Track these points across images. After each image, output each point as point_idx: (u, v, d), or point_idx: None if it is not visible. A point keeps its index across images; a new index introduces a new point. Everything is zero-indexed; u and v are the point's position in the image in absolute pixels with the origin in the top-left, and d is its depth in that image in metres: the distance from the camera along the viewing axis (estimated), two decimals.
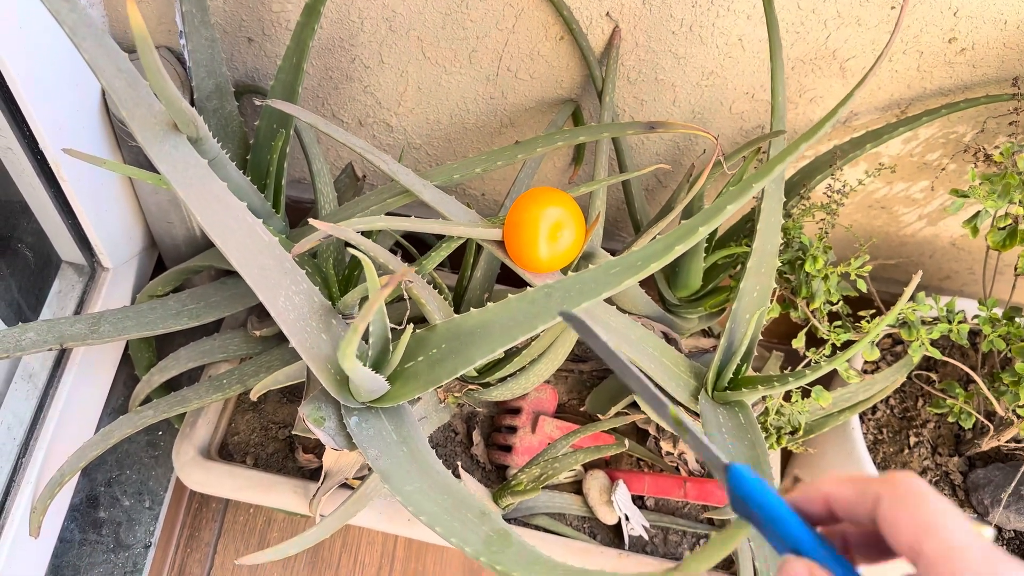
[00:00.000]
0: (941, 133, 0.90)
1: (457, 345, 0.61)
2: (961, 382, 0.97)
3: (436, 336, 0.63)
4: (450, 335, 0.62)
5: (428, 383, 0.62)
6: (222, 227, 0.57)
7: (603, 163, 0.84)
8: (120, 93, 0.56)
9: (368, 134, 0.97)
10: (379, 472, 0.60)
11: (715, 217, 0.56)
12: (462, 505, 0.56)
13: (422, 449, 0.63)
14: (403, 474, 0.60)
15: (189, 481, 0.87)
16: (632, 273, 0.56)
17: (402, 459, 0.62)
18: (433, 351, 0.63)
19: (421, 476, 0.60)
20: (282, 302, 0.60)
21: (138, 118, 0.56)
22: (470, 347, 0.60)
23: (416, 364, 0.64)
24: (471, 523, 0.55)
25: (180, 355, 0.90)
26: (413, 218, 0.68)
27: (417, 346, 0.64)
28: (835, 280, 0.79)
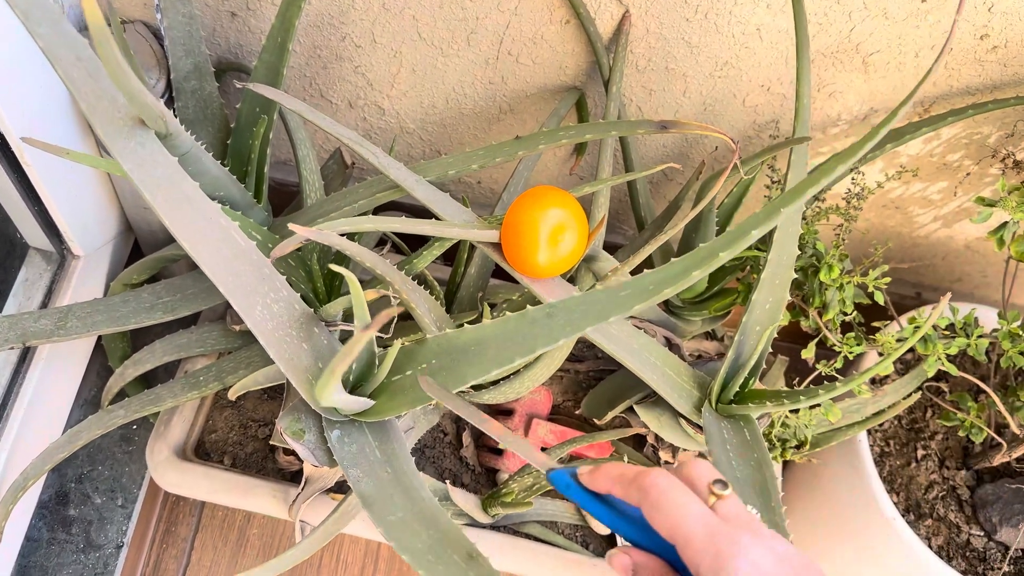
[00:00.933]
0: (964, 134, 0.86)
1: (448, 362, 0.57)
2: (972, 393, 0.93)
3: (426, 350, 0.58)
4: (441, 350, 0.58)
5: (416, 400, 0.57)
6: (193, 232, 0.52)
7: (608, 159, 0.79)
8: (79, 85, 0.50)
9: (358, 116, 0.92)
10: (360, 497, 0.55)
11: (738, 242, 0.51)
12: (449, 543, 0.52)
13: (407, 470, 0.59)
14: (386, 500, 0.55)
15: (163, 482, 0.83)
16: (644, 298, 0.51)
17: (386, 482, 0.57)
18: (423, 366, 0.58)
19: (405, 502, 0.56)
20: (259, 312, 0.55)
21: (100, 112, 0.51)
22: (462, 364, 0.56)
23: (404, 378, 0.60)
24: (457, 568, 0.50)
25: (155, 348, 0.85)
26: (404, 219, 0.63)
27: (406, 359, 0.59)
28: (851, 291, 0.75)
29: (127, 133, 0.52)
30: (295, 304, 0.59)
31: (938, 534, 0.89)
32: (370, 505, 0.56)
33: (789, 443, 0.80)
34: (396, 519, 0.54)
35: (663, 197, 1.00)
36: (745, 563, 0.38)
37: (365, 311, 0.53)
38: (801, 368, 0.87)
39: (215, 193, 0.70)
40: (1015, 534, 0.86)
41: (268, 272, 0.56)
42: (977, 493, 0.91)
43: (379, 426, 0.63)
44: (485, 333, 0.56)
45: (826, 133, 0.87)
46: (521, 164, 0.82)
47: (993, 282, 1.09)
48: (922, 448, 0.93)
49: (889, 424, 0.94)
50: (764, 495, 0.69)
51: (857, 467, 0.87)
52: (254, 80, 0.74)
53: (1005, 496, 0.88)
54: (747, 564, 0.38)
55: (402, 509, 0.55)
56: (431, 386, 0.53)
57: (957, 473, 0.92)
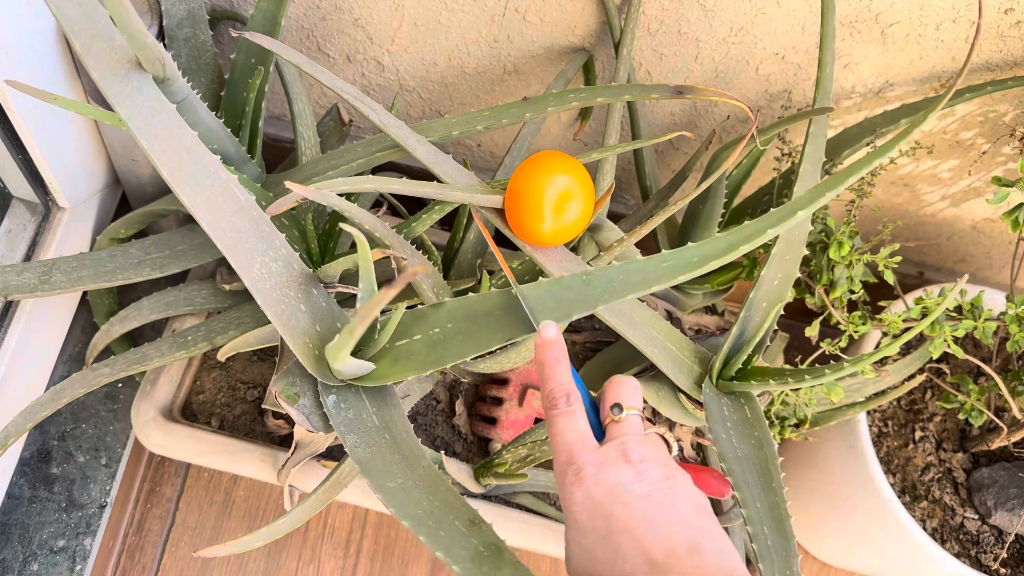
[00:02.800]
0: (980, 111, 0.83)
1: (467, 326, 0.54)
2: (972, 375, 0.92)
3: (441, 314, 0.56)
4: (459, 315, 0.55)
5: (426, 365, 0.55)
6: (191, 183, 0.50)
7: (615, 125, 0.76)
8: (73, 23, 0.47)
9: (357, 72, 0.88)
10: (358, 463, 0.54)
11: (784, 221, 0.49)
12: (450, 510, 0.50)
13: (406, 437, 0.57)
14: (384, 467, 0.53)
15: (149, 443, 0.81)
16: (687, 270, 0.50)
17: (384, 448, 0.55)
18: (435, 330, 0.56)
19: (404, 469, 0.54)
20: (257, 269, 0.53)
21: (95, 53, 0.48)
22: (485, 330, 0.53)
23: (411, 343, 0.57)
24: (459, 534, 0.49)
25: (142, 305, 0.83)
26: (405, 180, 0.60)
27: (414, 322, 0.57)
28: (860, 269, 0.73)
29: (124, 77, 0.49)
30: (294, 264, 0.56)
31: (933, 516, 0.88)
32: (368, 471, 0.54)
33: (788, 421, 0.79)
34: (395, 485, 0.52)
35: (669, 167, 0.97)
36: (580, 493, 0.44)
37: (372, 272, 0.50)
38: (800, 345, 0.85)
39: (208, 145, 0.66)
40: (1009, 518, 0.86)
41: (267, 229, 0.54)
42: (973, 476, 0.90)
43: (377, 392, 0.61)
44: (511, 299, 0.54)
45: (839, 106, 0.85)
46: (525, 128, 0.80)
47: (997, 264, 1.07)
48: (920, 430, 0.92)
49: (888, 405, 0.93)
50: (765, 474, 0.68)
51: (855, 447, 0.87)
52: (250, 29, 0.71)
53: (1001, 480, 0.88)
54: (580, 494, 0.44)
55: (401, 476, 0.53)
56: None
57: (954, 456, 0.91)
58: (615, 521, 0.42)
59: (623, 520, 0.42)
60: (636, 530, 0.42)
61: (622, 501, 0.43)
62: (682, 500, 0.44)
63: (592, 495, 0.44)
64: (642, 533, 0.42)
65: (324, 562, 1.00)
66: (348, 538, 1.02)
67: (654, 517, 0.42)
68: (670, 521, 0.42)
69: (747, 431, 0.71)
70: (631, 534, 0.42)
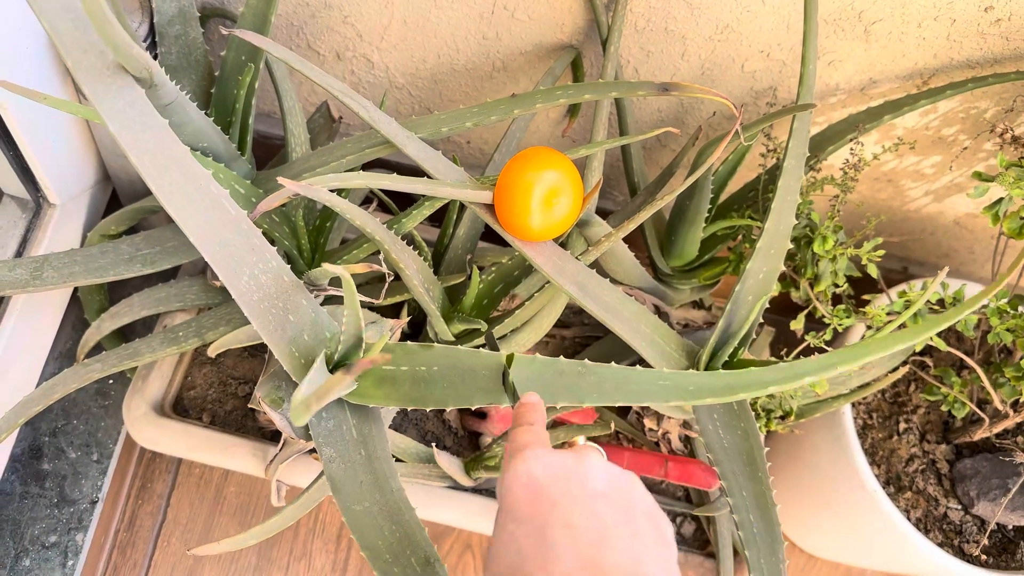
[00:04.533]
0: (962, 108, 0.85)
1: (453, 376, 0.55)
2: (955, 367, 0.94)
3: (429, 355, 0.56)
4: (448, 362, 0.56)
5: (408, 399, 0.55)
6: (181, 197, 0.50)
7: (603, 121, 0.77)
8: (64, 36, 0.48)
9: (346, 69, 0.89)
10: (330, 479, 0.54)
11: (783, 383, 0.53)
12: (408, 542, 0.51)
13: (381, 455, 0.57)
14: (354, 487, 0.54)
15: (140, 438, 0.81)
16: (681, 396, 0.51)
17: (358, 465, 0.56)
18: (421, 368, 0.56)
19: (373, 491, 0.54)
20: (245, 281, 0.53)
21: (86, 67, 0.49)
22: (470, 386, 0.54)
23: (397, 371, 0.57)
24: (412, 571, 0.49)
25: (133, 301, 0.83)
26: (395, 176, 0.61)
27: (402, 354, 0.57)
28: (844, 263, 0.74)
29: (116, 93, 0.49)
30: (284, 276, 0.56)
31: (917, 507, 0.89)
32: (338, 491, 0.54)
33: (774, 413, 0.80)
34: (361, 509, 0.53)
35: (656, 163, 0.98)
36: (523, 471, 0.39)
37: (358, 311, 0.51)
38: (787, 339, 0.86)
39: (198, 143, 0.68)
40: (992, 508, 0.87)
41: (258, 242, 0.54)
42: (956, 467, 0.91)
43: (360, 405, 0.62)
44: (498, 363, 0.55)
45: (824, 102, 0.86)
46: (514, 124, 0.80)
47: (980, 259, 1.09)
48: (904, 422, 0.93)
49: (872, 397, 0.95)
50: (751, 464, 0.69)
51: (840, 439, 0.88)
52: (240, 26, 0.72)
53: (983, 471, 0.89)
54: (524, 473, 0.39)
55: (368, 499, 0.53)
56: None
57: (937, 447, 0.93)
58: (557, 512, 0.36)
59: (566, 513, 0.36)
60: (580, 528, 0.35)
61: (570, 492, 0.37)
62: (638, 505, 0.38)
63: (536, 476, 0.38)
64: (586, 534, 0.35)
65: (315, 557, 1.00)
66: (339, 533, 1.02)
67: (604, 518, 0.36)
68: (620, 528, 0.36)
69: (733, 423, 0.72)
70: (572, 531, 0.35)
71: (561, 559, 0.34)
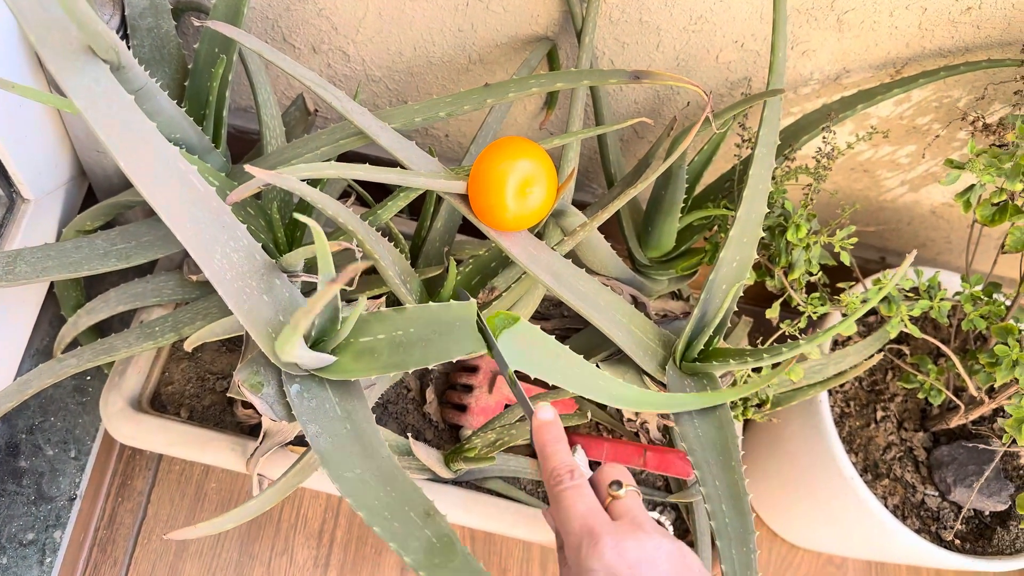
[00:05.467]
0: (935, 97, 0.85)
1: (430, 334, 0.55)
2: (932, 356, 0.95)
3: (405, 318, 0.56)
4: (422, 321, 0.56)
5: (389, 366, 0.56)
6: (149, 174, 0.50)
7: (579, 112, 0.77)
8: (27, 13, 0.47)
9: (322, 62, 0.89)
10: (318, 453, 0.54)
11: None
12: (406, 501, 0.51)
13: (367, 428, 0.57)
14: (344, 457, 0.54)
15: (118, 434, 0.81)
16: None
17: (344, 438, 0.56)
18: (398, 332, 0.56)
19: (364, 460, 0.54)
20: (218, 260, 0.53)
21: (50, 44, 0.48)
22: (446, 340, 0.54)
23: (375, 340, 0.58)
24: (414, 525, 0.50)
25: (109, 297, 0.83)
26: (367, 166, 0.61)
27: (378, 323, 0.58)
28: (817, 251, 0.75)
29: (80, 69, 0.49)
30: (256, 254, 0.57)
31: (894, 494, 0.90)
32: (328, 461, 0.55)
33: (751, 402, 0.80)
34: (353, 476, 0.53)
35: (634, 156, 0.98)
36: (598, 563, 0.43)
37: (330, 262, 0.51)
38: (766, 332, 0.87)
39: (171, 135, 0.67)
40: (968, 494, 0.88)
41: (228, 220, 0.54)
42: (933, 455, 0.92)
43: (341, 382, 0.62)
44: (470, 312, 0.55)
45: (797, 93, 0.86)
46: (490, 116, 0.80)
47: (956, 248, 1.10)
48: (881, 410, 0.94)
49: (849, 386, 0.95)
50: (724, 454, 0.69)
51: (818, 427, 0.88)
52: (213, 18, 0.71)
53: (960, 457, 0.90)
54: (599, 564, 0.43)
55: (360, 466, 0.54)
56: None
57: (915, 435, 0.93)
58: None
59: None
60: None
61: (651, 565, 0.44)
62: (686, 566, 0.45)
63: (613, 567, 0.44)
64: None
65: (297, 552, 1.00)
66: (321, 528, 1.02)
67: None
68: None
69: (709, 411, 0.72)
70: None
71: None
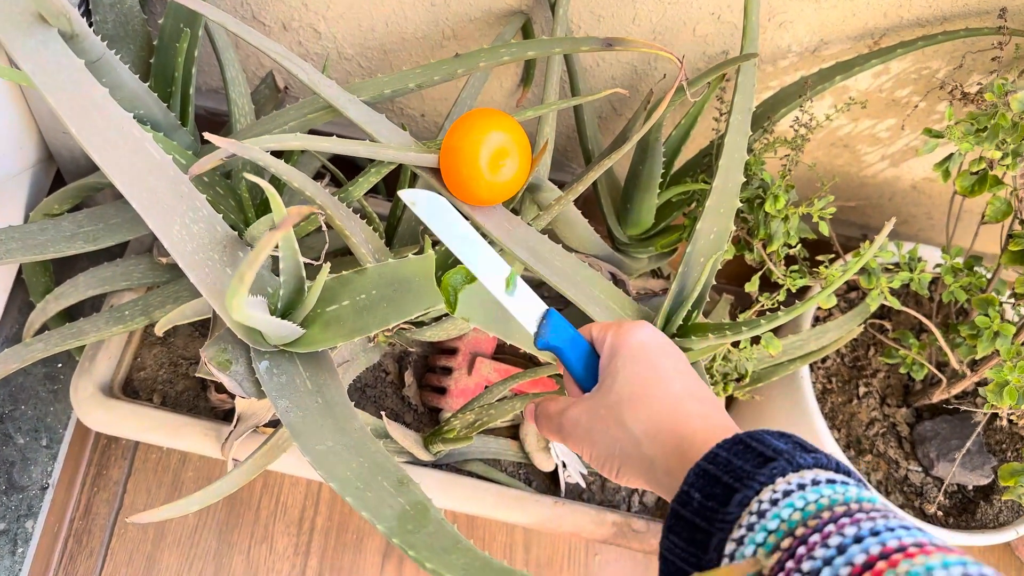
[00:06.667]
0: (914, 68, 0.84)
1: (391, 293, 0.54)
2: (914, 331, 0.94)
3: (366, 280, 0.56)
4: (383, 281, 0.55)
5: (354, 331, 0.55)
6: (102, 141, 0.49)
7: (554, 85, 0.76)
8: None
9: (293, 40, 0.87)
10: (288, 427, 0.53)
11: None
12: (378, 470, 0.50)
13: (339, 400, 0.56)
14: (314, 430, 0.53)
15: (89, 421, 0.79)
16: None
17: (315, 412, 0.55)
18: (361, 296, 0.55)
19: (335, 433, 0.53)
20: (177, 231, 0.52)
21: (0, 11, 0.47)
22: (406, 296, 0.53)
23: (340, 308, 0.57)
24: (386, 493, 0.48)
25: (78, 281, 0.81)
26: (335, 138, 0.59)
27: (342, 288, 0.57)
28: (795, 222, 0.74)
29: (27, 31, 0.48)
30: (217, 226, 0.55)
31: (877, 469, 0.90)
32: (298, 435, 0.54)
33: (730, 377, 0.79)
34: (325, 448, 0.52)
35: (612, 133, 0.97)
36: (640, 331, 0.50)
37: (295, 249, 0.50)
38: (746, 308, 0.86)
39: (133, 110, 0.66)
40: (951, 468, 0.87)
41: (187, 190, 0.53)
42: (916, 430, 0.92)
43: (311, 357, 0.61)
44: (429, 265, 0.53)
45: (775, 66, 0.85)
46: (464, 92, 0.79)
47: (938, 224, 1.09)
48: (864, 386, 0.93)
49: (832, 362, 0.95)
50: None
51: (800, 403, 0.88)
52: None
53: (943, 432, 0.89)
54: (644, 331, 0.50)
55: (331, 439, 0.53)
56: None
57: (897, 411, 0.93)
58: (668, 360, 0.49)
59: (674, 361, 0.49)
60: (679, 370, 0.49)
61: (664, 350, 0.50)
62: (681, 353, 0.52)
63: (646, 338, 0.50)
64: (682, 374, 0.49)
65: (277, 540, 0.99)
66: (301, 515, 1.01)
67: (681, 366, 0.50)
68: (689, 370, 0.50)
69: None
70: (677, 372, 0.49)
71: (666, 387, 0.47)
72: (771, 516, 0.35)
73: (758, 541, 0.35)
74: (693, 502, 0.38)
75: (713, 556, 0.36)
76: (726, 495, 0.37)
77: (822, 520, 0.33)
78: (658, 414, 0.46)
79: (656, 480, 0.45)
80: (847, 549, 0.31)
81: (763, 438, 0.39)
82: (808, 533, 0.33)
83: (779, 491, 0.36)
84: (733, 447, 0.39)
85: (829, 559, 0.31)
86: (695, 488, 0.39)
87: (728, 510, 0.37)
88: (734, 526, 0.36)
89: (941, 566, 0.29)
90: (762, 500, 0.36)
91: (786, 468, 0.37)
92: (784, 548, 0.33)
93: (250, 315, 0.44)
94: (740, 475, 0.37)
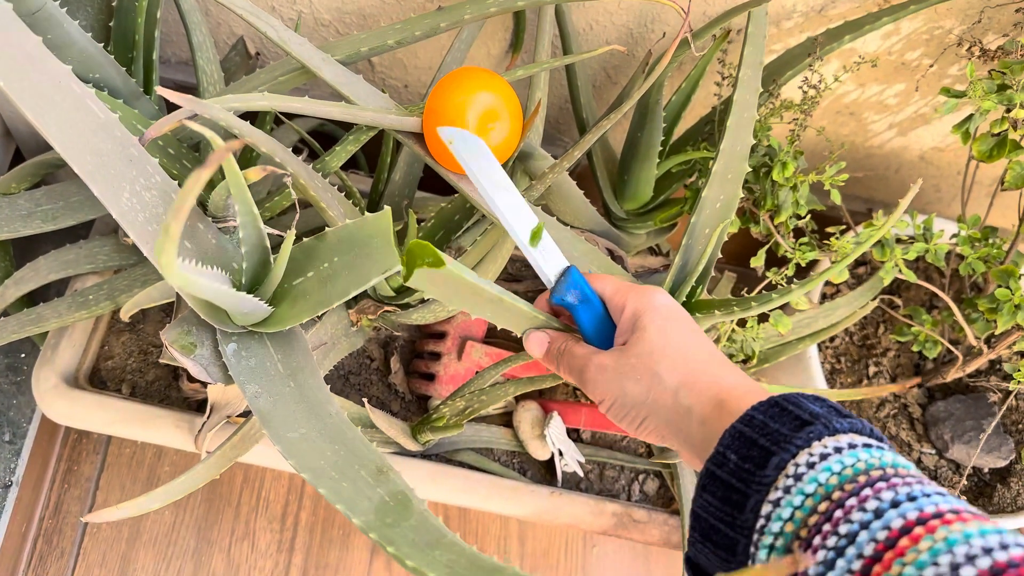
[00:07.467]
0: (925, 28, 0.80)
1: (351, 259, 0.49)
2: (925, 306, 0.90)
3: (326, 246, 0.50)
4: (343, 246, 0.50)
5: (318, 305, 0.50)
6: (37, 97, 0.43)
7: (546, 46, 0.71)
8: None
9: (266, 5, 0.82)
10: (257, 414, 0.48)
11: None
12: (356, 459, 0.45)
13: (313, 384, 0.51)
14: (286, 417, 0.48)
15: (52, 413, 0.74)
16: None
17: (287, 397, 0.50)
18: (324, 265, 0.50)
19: (309, 419, 0.48)
20: (127, 199, 0.47)
21: None
22: (365, 261, 0.48)
23: (306, 280, 0.52)
24: (364, 483, 0.44)
25: (39, 265, 0.75)
26: (306, 99, 0.54)
27: (307, 259, 0.51)
28: (805, 190, 0.69)
29: None
30: (172, 194, 0.50)
31: None
32: (268, 422, 0.49)
33: (736, 358, 0.75)
34: (297, 436, 0.47)
35: (607, 103, 0.92)
36: (659, 296, 0.51)
37: (242, 183, 0.44)
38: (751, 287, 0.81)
39: (88, 75, 0.60)
40: (966, 451, 0.83)
41: (136, 152, 0.48)
42: (928, 411, 0.87)
43: (282, 338, 0.56)
44: (385, 224, 0.48)
45: (780, 27, 0.80)
46: (449, 55, 0.74)
47: (946, 197, 1.05)
48: (874, 365, 0.89)
49: (840, 341, 0.90)
50: None
51: (808, 384, 0.83)
52: None
53: (957, 413, 0.85)
54: (665, 295, 0.51)
55: (305, 425, 0.48)
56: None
57: (909, 391, 0.88)
58: (688, 321, 0.50)
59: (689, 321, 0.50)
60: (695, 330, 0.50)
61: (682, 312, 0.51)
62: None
63: (667, 302, 0.51)
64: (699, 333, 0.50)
65: (259, 536, 0.94)
66: (284, 511, 0.96)
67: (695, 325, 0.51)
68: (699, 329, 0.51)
69: None
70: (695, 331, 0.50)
71: (698, 344, 0.48)
72: (808, 480, 0.35)
73: (795, 504, 0.35)
74: (729, 463, 0.38)
75: (749, 516, 0.37)
76: (763, 458, 0.37)
77: (858, 484, 0.34)
78: (694, 363, 0.46)
79: (686, 431, 0.44)
80: (884, 513, 0.32)
81: (799, 401, 0.39)
82: (845, 497, 0.33)
83: (816, 455, 0.35)
84: (769, 409, 0.39)
85: (867, 523, 0.32)
86: (731, 450, 0.39)
87: (765, 472, 0.37)
88: (770, 488, 0.36)
89: (979, 534, 0.29)
90: (799, 463, 0.36)
91: (823, 432, 0.36)
92: (821, 512, 0.33)
93: (191, 280, 0.39)
94: (777, 438, 0.37)
